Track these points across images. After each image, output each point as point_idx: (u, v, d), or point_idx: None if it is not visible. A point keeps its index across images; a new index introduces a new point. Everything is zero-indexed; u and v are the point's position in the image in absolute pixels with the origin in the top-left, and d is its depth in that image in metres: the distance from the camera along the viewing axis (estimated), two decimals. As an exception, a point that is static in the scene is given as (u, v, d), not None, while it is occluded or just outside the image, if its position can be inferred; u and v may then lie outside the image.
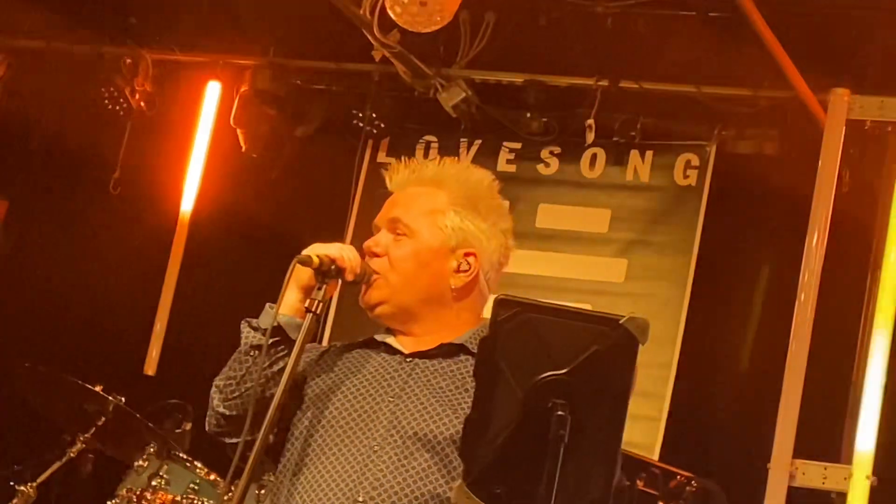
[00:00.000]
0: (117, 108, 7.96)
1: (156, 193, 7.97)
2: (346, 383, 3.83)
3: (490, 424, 3.17)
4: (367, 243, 3.84)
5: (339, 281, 3.70)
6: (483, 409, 3.17)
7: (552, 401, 3.10)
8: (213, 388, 3.79)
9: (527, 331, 3.18)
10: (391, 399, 3.71)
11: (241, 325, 3.79)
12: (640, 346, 3.17)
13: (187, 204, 7.84)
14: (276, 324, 3.67)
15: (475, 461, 3.20)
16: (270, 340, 3.66)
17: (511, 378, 3.17)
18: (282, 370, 3.62)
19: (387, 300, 3.83)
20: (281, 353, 3.69)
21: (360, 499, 3.61)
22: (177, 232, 7.81)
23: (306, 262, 3.61)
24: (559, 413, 3.08)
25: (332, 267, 3.63)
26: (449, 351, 3.78)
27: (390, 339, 3.88)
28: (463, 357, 3.74)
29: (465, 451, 3.22)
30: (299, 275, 3.68)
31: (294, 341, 3.66)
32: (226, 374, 3.77)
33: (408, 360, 3.82)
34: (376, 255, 3.81)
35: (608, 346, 3.16)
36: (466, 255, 3.91)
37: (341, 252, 3.70)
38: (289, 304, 3.70)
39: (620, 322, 3.17)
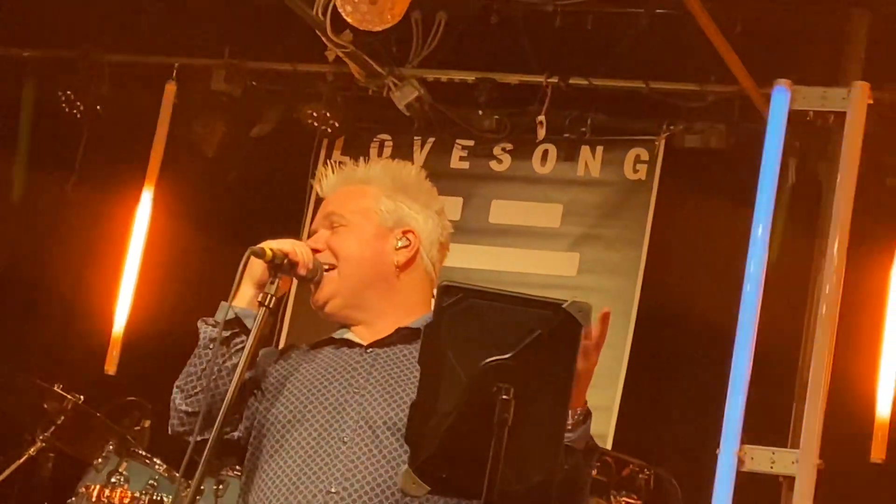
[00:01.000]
0: (74, 111, 7.96)
1: (113, 195, 7.95)
2: (312, 381, 3.82)
3: (435, 409, 3.15)
4: (307, 243, 3.83)
5: (293, 277, 3.71)
6: (428, 394, 3.15)
7: (497, 385, 3.08)
8: (175, 390, 3.74)
9: (471, 316, 3.17)
10: (356, 391, 3.71)
11: (198, 324, 3.76)
12: (585, 327, 3.18)
13: (146, 203, 7.83)
14: (231, 316, 3.66)
15: (421, 446, 3.18)
16: (228, 332, 3.66)
17: (456, 363, 3.15)
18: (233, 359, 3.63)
19: (337, 292, 3.82)
20: (238, 346, 3.67)
21: (333, 489, 3.61)
22: (134, 228, 7.80)
23: (259, 255, 3.60)
24: (504, 397, 3.06)
25: (285, 261, 3.63)
26: (406, 336, 3.77)
27: (348, 335, 3.87)
28: (417, 342, 3.73)
29: (411, 436, 3.20)
30: (253, 268, 3.66)
31: (247, 327, 3.66)
32: (186, 372, 3.74)
33: (368, 351, 3.82)
34: (318, 251, 3.80)
35: (551, 330, 3.14)
36: (404, 232, 3.91)
37: (294, 247, 3.70)
38: (244, 296, 3.69)
39: (563, 306, 3.15)
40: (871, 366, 6.64)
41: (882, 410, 6.56)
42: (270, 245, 3.63)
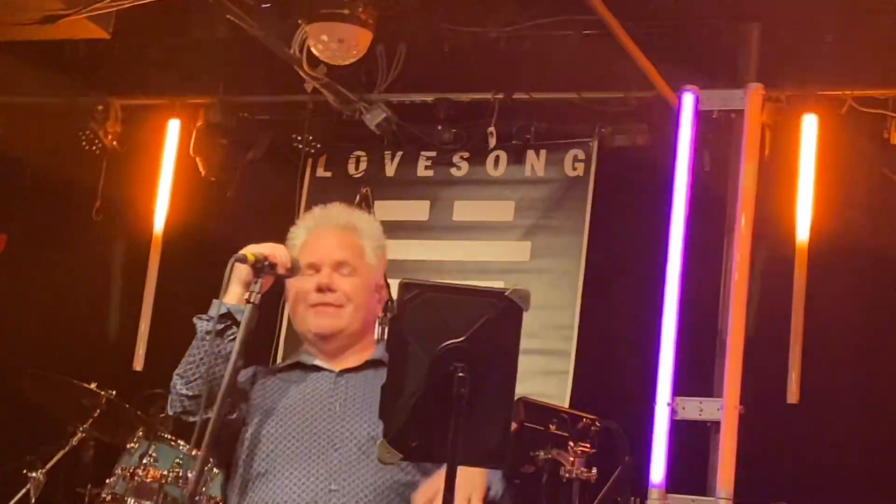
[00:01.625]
0: (94, 147, 7.95)
1: (132, 216, 7.95)
2: (297, 401, 3.86)
3: (403, 389, 3.20)
4: (323, 281, 3.83)
5: (275, 275, 3.70)
6: (396, 376, 3.20)
7: (453, 364, 3.15)
8: (175, 377, 3.74)
9: (428, 308, 3.23)
10: (339, 411, 3.75)
11: (194, 320, 3.78)
12: (525, 312, 3.24)
13: (159, 223, 7.83)
14: (224, 311, 3.68)
15: (392, 421, 3.23)
16: (222, 325, 3.68)
17: (418, 348, 3.21)
18: (231, 352, 3.63)
19: (345, 328, 3.85)
20: (231, 337, 3.68)
21: (333, 487, 3.65)
22: (152, 247, 7.78)
23: (242, 260, 3.62)
24: (460, 374, 3.12)
25: (266, 263, 3.64)
26: (373, 363, 3.84)
27: (316, 362, 3.91)
28: (382, 368, 3.76)
29: (383, 413, 3.22)
30: (239, 271, 3.68)
31: (237, 321, 3.67)
32: (185, 362, 3.76)
33: (340, 376, 3.86)
34: (332, 291, 3.82)
35: (497, 315, 3.21)
36: (378, 288, 4.00)
37: (273, 250, 3.70)
38: (233, 294, 3.69)
39: (505, 294, 3.23)
40: (783, 320, 6.63)
41: (794, 358, 6.59)
42: (252, 250, 3.65)
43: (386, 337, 3.38)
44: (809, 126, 6.66)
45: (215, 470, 5.92)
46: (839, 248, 6.69)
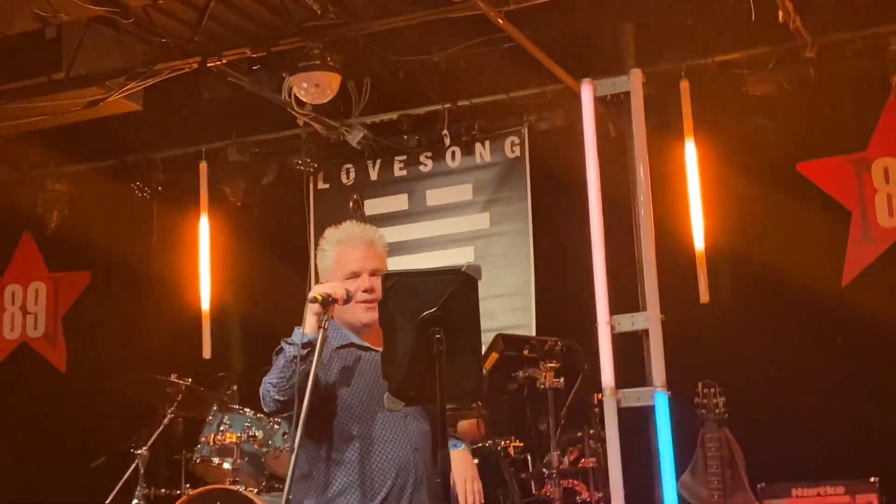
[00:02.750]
0: (146, 193, 7.96)
1: (184, 243, 7.96)
2: (363, 375, 3.90)
3: (396, 354, 3.27)
4: (367, 285, 3.90)
5: (336, 304, 3.77)
6: (390, 345, 3.28)
7: (431, 329, 3.21)
8: (269, 386, 3.81)
9: (405, 290, 3.29)
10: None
11: (282, 343, 3.84)
12: (479, 280, 3.30)
13: (204, 246, 7.85)
14: (307, 340, 3.72)
15: (393, 378, 3.30)
16: (304, 351, 3.71)
17: (403, 322, 3.27)
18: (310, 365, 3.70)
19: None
20: (309, 356, 3.72)
21: (417, 448, 3.81)
22: (203, 264, 7.81)
23: (314, 301, 3.71)
24: (437, 336, 3.20)
25: (330, 299, 3.72)
26: None
27: (366, 343, 3.96)
28: None
29: (385, 374, 3.31)
30: (312, 308, 3.73)
31: (314, 345, 3.72)
32: (277, 376, 3.79)
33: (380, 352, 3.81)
34: (374, 291, 3.86)
35: (458, 286, 3.28)
36: None
37: (333, 288, 3.77)
38: (310, 326, 3.74)
39: (462, 269, 3.31)
40: (688, 239, 6.65)
41: (700, 263, 6.59)
42: (318, 291, 3.74)
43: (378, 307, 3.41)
44: (685, 92, 6.68)
45: (275, 427, 6.08)
46: (723, 177, 6.73)
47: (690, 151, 6.69)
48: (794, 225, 6.56)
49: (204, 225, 7.87)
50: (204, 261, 7.83)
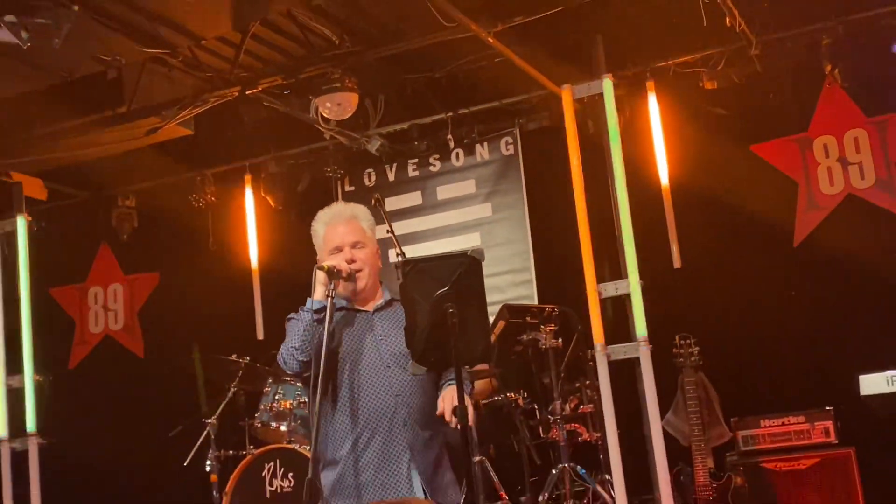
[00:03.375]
0: (201, 204, 8.00)
1: (235, 244, 8.00)
2: (356, 335, 3.86)
3: (416, 327, 3.32)
4: (347, 256, 3.84)
5: (340, 278, 3.75)
6: (411, 320, 3.32)
7: (445, 305, 3.26)
8: (292, 350, 3.80)
9: (421, 273, 3.34)
10: (381, 335, 3.78)
11: (300, 311, 3.82)
12: (483, 261, 3.32)
13: (253, 245, 7.90)
14: (318, 307, 3.72)
15: (416, 348, 3.35)
16: (317, 316, 3.71)
17: (421, 300, 3.32)
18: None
19: (366, 284, 3.86)
20: (320, 320, 3.71)
21: (398, 394, 3.70)
22: (252, 261, 7.87)
23: (322, 269, 3.70)
24: (450, 311, 3.25)
25: (335, 270, 3.71)
26: (388, 303, 3.86)
27: (357, 306, 3.90)
28: (395, 304, 3.82)
29: (408, 344, 3.36)
30: (319, 277, 3.73)
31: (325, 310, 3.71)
32: (300, 339, 3.78)
33: (374, 314, 3.86)
34: (355, 261, 3.83)
35: (466, 268, 3.32)
36: (377, 251, 3.99)
37: (338, 262, 3.75)
38: (319, 293, 3.73)
39: (468, 254, 3.35)
40: (661, 215, 6.67)
41: (671, 234, 6.63)
42: (326, 263, 3.72)
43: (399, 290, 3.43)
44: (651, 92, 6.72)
45: (297, 382, 6.07)
46: (687, 161, 6.74)
47: (658, 141, 6.72)
48: (751, 197, 6.53)
49: (251, 227, 7.91)
50: (253, 258, 7.88)
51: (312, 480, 3.58)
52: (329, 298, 3.72)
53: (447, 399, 3.58)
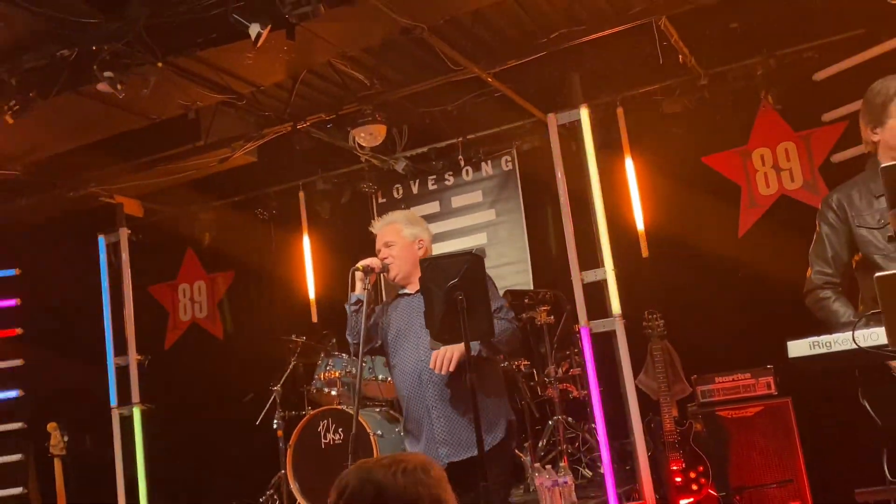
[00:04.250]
0: (265, 216, 8.04)
1: (293, 246, 8.00)
2: (400, 313, 3.94)
3: (434, 311, 3.34)
4: (382, 255, 3.94)
5: (374, 273, 3.86)
6: (429, 305, 3.35)
7: (455, 293, 3.28)
8: (348, 334, 3.94)
9: (436, 268, 3.37)
10: (416, 314, 3.80)
11: (346, 306, 3.93)
12: (484, 258, 3.40)
13: (307, 247, 7.92)
14: (355, 300, 3.85)
15: (433, 328, 3.37)
16: (355, 307, 3.82)
17: (436, 289, 3.34)
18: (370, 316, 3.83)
19: (398, 272, 3.94)
20: (359, 310, 3.84)
21: (426, 364, 3.73)
22: (307, 259, 7.88)
23: (358, 269, 3.81)
24: (460, 297, 3.27)
25: (368, 268, 3.80)
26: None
27: (405, 291, 3.99)
28: None
29: (427, 324, 3.39)
30: (356, 275, 3.83)
31: (362, 302, 3.82)
32: (348, 327, 3.92)
33: (412, 297, 3.92)
34: (386, 258, 3.93)
35: (471, 264, 3.34)
36: (419, 240, 4.01)
37: (371, 261, 3.86)
38: (357, 289, 3.84)
39: (473, 252, 3.39)
40: (630, 213, 6.61)
41: (640, 228, 6.61)
42: (360, 264, 3.82)
43: (419, 282, 3.47)
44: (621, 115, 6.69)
45: (343, 355, 6.16)
46: (650, 171, 6.71)
47: (627, 157, 6.70)
48: (703, 199, 6.51)
49: (305, 233, 7.95)
50: (307, 257, 7.91)
51: (356, 435, 3.64)
52: (365, 291, 3.78)
53: (438, 354, 3.63)
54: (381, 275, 3.99)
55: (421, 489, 1.71)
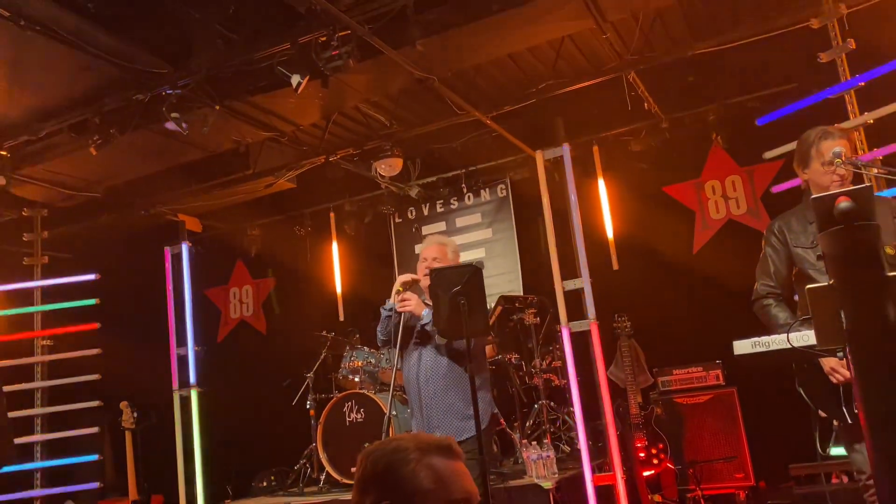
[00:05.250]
0: (302, 232, 8.01)
1: (325, 258, 7.97)
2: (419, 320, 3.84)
3: (440, 312, 3.32)
4: (425, 263, 3.85)
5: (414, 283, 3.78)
6: (437, 308, 3.33)
7: (458, 298, 3.27)
8: (378, 332, 3.86)
9: (442, 277, 3.34)
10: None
11: (381, 310, 3.86)
12: (483, 269, 3.36)
13: (336, 258, 7.89)
14: (391, 307, 3.78)
15: (440, 326, 3.35)
16: (390, 313, 3.76)
17: (443, 295, 3.32)
18: (397, 323, 3.73)
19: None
20: (395, 314, 3.77)
21: (427, 362, 3.69)
22: (336, 269, 7.87)
23: (399, 291, 3.71)
24: (462, 301, 3.25)
25: (408, 283, 3.72)
26: None
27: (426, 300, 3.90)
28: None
29: (435, 323, 3.36)
30: (398, 288, 3.74)
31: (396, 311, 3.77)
32: (380, 328, 3.84)
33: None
34: (429, 266, 3.81)
35: (471, 274, 3.32)
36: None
37: (406, 276, 3.76)
38: (392, 301, 3.78)
39: (473, 264, 3.36)
40: (603, 234, 6.61)
41: (611, 246, 6.58)
42: (399, 281, 3.73)
43: (429, 289, 3.41)
44: (597, 154, 6.66)
45: (381, 355, 6.02)
46: (621, 198, 6.70)
47: (601, 186, 6.70)
48: (664, 222, 6.50)
49: (335, 248, 7.93)
50: (336, 267, 7.90)
51: (390, 417, 3.61)
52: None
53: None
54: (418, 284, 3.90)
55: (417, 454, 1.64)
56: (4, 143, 5.39)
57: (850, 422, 2.97)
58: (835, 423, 3.07)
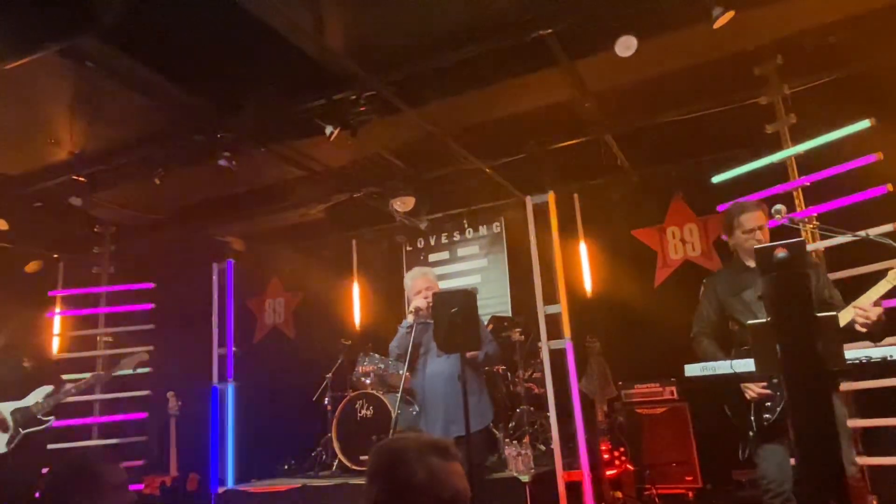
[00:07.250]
0: (329, 255, 7.96)
1: (346, 275, 7.89)
2: (427, 337, 3.81)
3: (440, 329, 3.27)
4: (426, 294, 3.80)
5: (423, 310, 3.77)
6: (438, 325, 3.28)
7: (456, 318, 3.23)
8: (393, 346, 3.80)
9: (443, 301, 3.31)
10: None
11: (399, 327, 3.82)
12: (477, 294, 3.32)
13: (355, 279, 7.84)
14: (409, 324, 3.76)
15: (439, 341, 3.30)
16: (407, 329, 3.73)
17: (444, 314, 3.29)
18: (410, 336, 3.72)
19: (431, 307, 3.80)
20: (410, 332, 3.76)
21: (446, 369, 3.68)
22: (354, 286, 7.79)
23: (412, 312, 3.72)
24: (458, 321, 3.22)
25: (419, 309, 3.72)
26: None
27: (429, 321, 3.80)
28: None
29: (435, 336, 3.31)
30: (411, 310, 3.76)
31: (412, 326, 3.75)
32: (395, 343, 3.78)
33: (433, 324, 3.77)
34: (429, 296, 3.79)
35: (467, 297, 3.29)
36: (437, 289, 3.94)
37: (420, 303, 3.75)
38: (410, 319, 3.77)
39: (468, 290, 3.33)
40: (579, 268, 6.53)
41: (586, 277, 6.57)
42: (415, 306, 3.73)
43: (431, 309, 3.38)
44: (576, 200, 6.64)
45: (389, 361, 5.88)
46: (596, 240, 6.68)
47: (579, 228, 6.68)
48: (630, 260, 6.46)
49: (355, 269, 7.88)
50: (355, 284, 7.84)
51: (396, 416, 3.57)
52: (413, 321, 3.73)
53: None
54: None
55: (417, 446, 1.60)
56: (83, 170, 5.43)
57: (755, 430, 3.02)
58: (750, 433, 3.07)
